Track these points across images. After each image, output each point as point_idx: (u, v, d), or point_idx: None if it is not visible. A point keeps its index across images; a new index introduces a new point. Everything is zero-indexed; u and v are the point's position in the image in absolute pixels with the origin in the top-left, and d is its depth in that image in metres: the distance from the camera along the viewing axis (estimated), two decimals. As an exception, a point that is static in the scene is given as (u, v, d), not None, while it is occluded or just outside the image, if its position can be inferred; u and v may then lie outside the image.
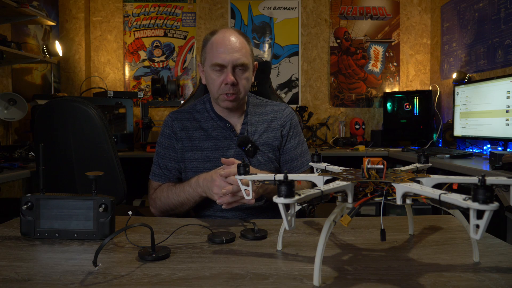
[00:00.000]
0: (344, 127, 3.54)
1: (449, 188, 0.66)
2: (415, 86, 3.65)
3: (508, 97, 2.20)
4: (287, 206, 0.53)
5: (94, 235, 0.84)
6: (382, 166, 0.67)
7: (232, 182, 0.98)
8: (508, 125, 2.20)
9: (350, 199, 0.62)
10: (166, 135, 1.26)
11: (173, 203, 1.15)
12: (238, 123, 1.26)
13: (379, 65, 3.65)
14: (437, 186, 0.66)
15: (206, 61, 1.19)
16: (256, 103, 1.32)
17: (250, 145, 1.20)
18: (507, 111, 2.21)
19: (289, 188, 0.52)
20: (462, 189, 0.63)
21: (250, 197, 0.76)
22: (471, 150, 2.70)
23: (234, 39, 1.15)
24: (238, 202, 1.00)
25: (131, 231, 0.91)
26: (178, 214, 1.20)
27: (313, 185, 0.72)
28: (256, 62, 1.28)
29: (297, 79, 3.63)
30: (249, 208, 1.21)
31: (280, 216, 0.54)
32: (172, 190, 1.16)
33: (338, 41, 3.64)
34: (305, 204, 0.60)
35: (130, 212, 0.87)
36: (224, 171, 0.99)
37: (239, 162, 0.75)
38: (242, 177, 0.75)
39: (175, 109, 1.35)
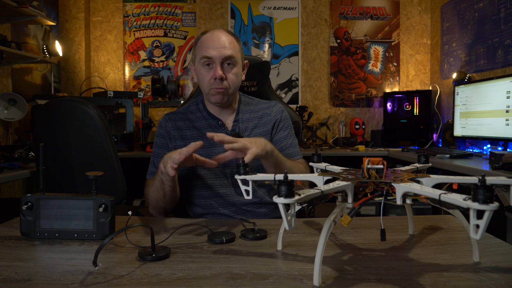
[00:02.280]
0: (344, 127, 3.54)
1: (449, 188, 0.66)
2: (415, 86, 3.65)
3: (508, 97, 2.20)
4: (287, 206, 0.53)
5: (94, 235, 0.84)
6: (382, 166, 0.67)
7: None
8: (508, 125, 2.20)
9: (350, 199, 0.62)
10: (160, 135, 1.30)
11: (154, 191, 1.15)
12: (229, 120, 1.30)
13: (379, 65, 3.65)
14: (437, 186, 0.66)
15: (196, 57, 1.24)
16: (247, 102, 1.37)
17: None
18: (507, 111, 2.21)
19: (289, 188, 0.52)
20: (462, 189, 0.63)
21: (250, 197, 0.76)
22: (471, 150, 2.70)
23: (222, 36, 1.21)
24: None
25: (131, 231, 0.91)
26: (169, 209, 1.20)
27: (313, 184, 0.72)
28: (246, 61, 1.32)
29: (297, 79, 3.63)
30: (245, 203, 1.23)
31: (279, 214, 0.54)
32: (153, 180, 1.16)
33: (338, 41, 3.64)
34: (305, 204, 0.60)
35: (130, 212, 0.87)
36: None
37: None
38: (242, 177, 0.75)
39: (169, 112, 1.38)
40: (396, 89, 3.66)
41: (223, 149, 1.24)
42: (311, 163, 0.87)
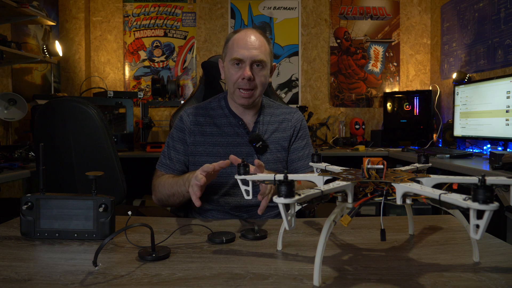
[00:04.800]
0: (344, 127, 3.54)
1: (449, 188, 0.66)
2: (415, 86, 3.65)
3: (508, 97, 2.20)
4: (287, 206, 0.53)
5: (94, 235, 0.84)
6: (382, 166, 0.67)
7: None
8: (508, 125, 2.20)
9: (350, 199, 0.62)
10: (179, 129, 1.29)
11: (166, 193, 1.17)
12: (251, 121, 1.30)
13: (379, 65, 3.65)
14: (437, 186, 0.66)
15: (226, 56, 1.25)
16: (269, 104, 1.37)
17: (260, 142, 1.24)
18: (507, 111, 2.21)
19: (289, 188, 0.52)
20: (462, 189, 0.63)
21: (250, 197, 0.76)
22: (471, 150, 2.70)
23: (254, 37, 1.20)
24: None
25: (131, 231, 0.91)
26: (175, 205, 1.21)
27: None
28: (274, 64, 1.32)
29: (297, 79, 3.63)
30: (250, 205, 1.23)
31: (279, 215, 0.54)
32: (169, 180, 1.18)
33: (338, 41, 3.64)
34: (305, 204, 0.60)
35: (130, 212, 0.87)
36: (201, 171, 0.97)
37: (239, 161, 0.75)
38: (242, 177, 0.75)
39: (191, 106, 1.37)
40: (396, 89, 3.65)
41: (244, 149, 1.25)
42: (311, 163, 0.87)
